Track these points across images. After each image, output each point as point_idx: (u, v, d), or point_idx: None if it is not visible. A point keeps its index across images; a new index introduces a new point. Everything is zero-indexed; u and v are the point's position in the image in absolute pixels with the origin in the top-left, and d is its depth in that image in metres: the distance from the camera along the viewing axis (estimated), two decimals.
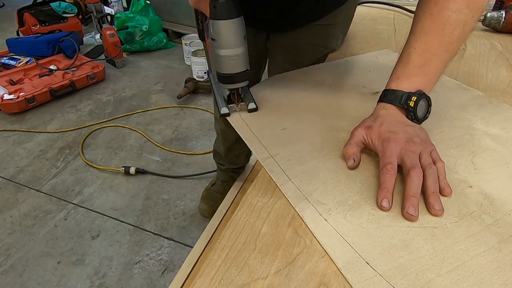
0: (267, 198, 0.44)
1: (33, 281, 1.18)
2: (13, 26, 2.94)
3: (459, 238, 0.37)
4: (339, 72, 0.70)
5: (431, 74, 0.49)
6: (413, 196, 0.40)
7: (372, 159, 0.47)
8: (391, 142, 0.44)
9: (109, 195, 1.51)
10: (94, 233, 1.34)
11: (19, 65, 2.28)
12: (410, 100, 0.47)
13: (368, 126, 0.47)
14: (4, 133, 1.88)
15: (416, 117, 0.48)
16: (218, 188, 1.38)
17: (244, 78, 0.53)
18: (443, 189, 0.42)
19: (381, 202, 0.40)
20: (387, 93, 0.50)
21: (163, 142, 1.80)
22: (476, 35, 0.91)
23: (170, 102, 2.13)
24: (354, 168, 0.46)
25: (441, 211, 0.39)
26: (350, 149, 0.46)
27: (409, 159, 0.42)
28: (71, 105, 2.12)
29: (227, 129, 1.13)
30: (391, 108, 0.49)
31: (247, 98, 0.58)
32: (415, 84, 0.48)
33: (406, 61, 0.49)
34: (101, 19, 2.61)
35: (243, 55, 0.51)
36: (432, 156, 0.44)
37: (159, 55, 2.71)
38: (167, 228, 1.36)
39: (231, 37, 0.49)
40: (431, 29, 0.47)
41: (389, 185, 0.41)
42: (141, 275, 1.19)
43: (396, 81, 0.49)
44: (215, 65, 0.52)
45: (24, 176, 1.60)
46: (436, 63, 0.48)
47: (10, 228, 1.36)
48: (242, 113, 0.57)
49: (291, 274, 0.35)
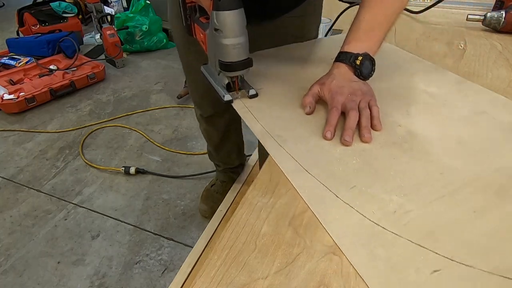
0: (267, 198, 0.44)
1: (33, 281, 1.18)
2: (13, 26, 2.94)
3: (379, 156, 0.49)
4: (314, 49, 0.84)
5: (375, 39, 0.60)
6: (349, 129, 0.52)
7: (323, 109, 0.59)
8: (338, 94, 0.56)
9: (109, 195, 1.51)
10: (94, 233, 1.34)
11: (19, 65, 2.28)
12: (357, 59, 0.58)
13: (322, 83, 0.59)
14: (4, 133, 1.88)
15: (362, 73, 0.59)
16: (218, 188, 1.38)
17: (246, 66, 0.57)
18: (375, 125, 0.53)
19: (325, 133, 0.52)
20: (341, 55, 0.61)
21: (163, 142, 1.80)
22: (476, 35, 0.91)
23: (170, 102, 2.13)
24: (309, 114, 0.58)
25: (370, 139, 0.51)
26: (307, 99, 0.58)
27: (349, 105, 0.54)
28: (71, 105, 2.12)
29: (210, 128, 1.15)
30: (342, 66, 0.60)
31: (246, 85, 0.63)
32: (362, 47, 0.59)
33: (356, 28, 0.61)
34: (101, 19, 2.61)
35: (245, 43, 0.55)
36: (370, 103, 0.56)
37: (159, 55, 2.71)
38: (167, 228, 1.36)
39: (235, 26, 0.52)
40: (376, 4, 0.60)
41: (333, 122, 0.53)
42: (141, 275, 1.19)
43: (348, 45, 0.61)
44: (218, 54, 0.56)
45: (24, 176, 1.60)
46: (380, 30, 0.60)
47: (10, 228, 1.36)
48: (244, 100, 0.62)
49: (291, 274, 0.35)
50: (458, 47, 0.84)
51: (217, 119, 1.10)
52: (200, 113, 1.09)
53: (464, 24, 0.96)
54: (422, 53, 0.80)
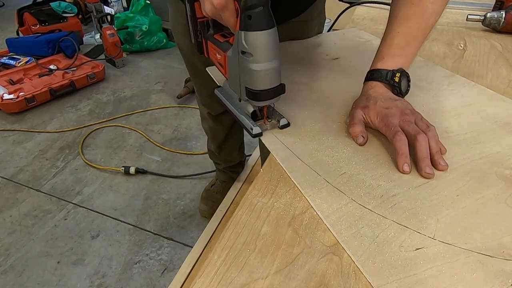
0: (267, 198, 0.44)
1: (32, 281, 1.18)
2: (13, 26, 2.94)
3: (368, 145, 0.51)
4: (309, 45, 0.84)
5: (410, 54, 0.56)
6: (426, 158, 0.46)
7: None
8: (389, 117, 0.50)
9: (109, 195, 1.51)
10: (94, 233, 1.34)
11: (19, 65, 2.28)
12: (395, 77, 0.54)
13: (364, 106, 0.53)
14: (4, 133, 1.88)
15: (401, 91, 0.55)
16: (218, 188, 1.38)
17: (279, 93, 0.49)
18: (441, 150, 0.48)
19: (403, 166, 0.46)
20: (374, 73, 0.56)
21: (163, 142, 1.80)
22: (476, 35, 0.91)
23: (170, 102, 2.13)
24: (363, 145, 0.51)
25: (446, 167, 0.46)
26: (357, 128, 0.51)
27: (410, 128, 0.48)
28: (71, 105, 2.12)
29: (215, 126, 1.14)
30: (378, 85, 0.55)
31: (275, 113, 0.55)
32: (397, 63, 0.55)
33: (390, 43, 0.56)
34: (101, 19, 2.60)
35: (278, 68, 0.47)
36: (424, 122, 0.50)
37: (159, 55, 2.71)
38: (167, 228, 1.36)
39: (268, 49, 0.44)
40: (412, 17, 0.55)
41: (405, 150, 0.47)
42: (141, 275, 1.19)
43: (382, 61, 0.56)
44: (245, 80, 0.48)
45: (24, 176, 1.60)
46: (415, 45, 0.56)
47: (10, 228, 1.36)
48: (274, 131, 0.54)
49: (291, 274, 0.35)
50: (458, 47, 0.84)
51: (224, 117, 1.10)
52: (208, 111, 1.09)
53: (464, 24, 0.96)
54: (422, 54, 0.80)
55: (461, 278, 0.34)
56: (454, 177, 0.46)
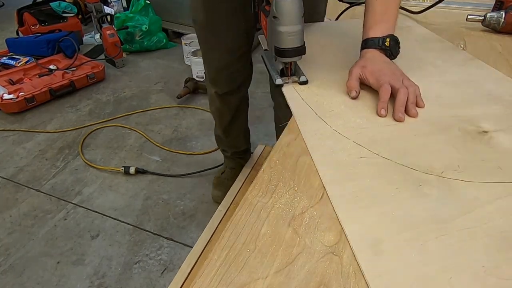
0: (267, 198, 0.44)
1: (32, 281, 1.18)
2: (12, 26, 2.93)
3: (362, 96, 0.62)
4: (331, 31, 0.93)
5: (392, 19, 0.66)
6: (401, 105, 0.56)
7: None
8: (381, 75, 0.60)
9: (109, 195, 1.50)
10: (93, 233, 1.34)
11: (18, 65, 2.28)
12: (385, 42, 0.64)
13: (362, 66, 0.63)
14: (3, 133, 1.88)
15: (392, 53, 0.65)
16: (228, 175, 1.42)
17: (300, 53, 0.60)
18: (418, 102, 0.59)
19: (380, 110, 0.57)
20: (367, 41, 0.65)
21: (163, 142, 1.80)
22: (476, 36, 0.92)
23: (170, 102, 2.13)
24: (355, 98, 0.61)
25: (417, 114, 0.57)
26: (352, 83, 0.61)
27: (396, 83, 0.59)
28: (71, 105, 2.12)
29: (222, 106, 1.19)
30: (373, 51, 0.65)
31: (298, 72, 0.67)
32: (383, 29, 0.65)
33: (372, 14, 0.66)
34: (101, 19, 2.60)
35: (301, 31, 0.58)
36: (409, 81, 0.60)
37: (158, 55, 2.70)
38: (166, 228, 1.36)
39: (292, 15, 0.56)
40: None
41: (386, 98, 0.58)
42: (141, 275, 1.19)
43: (370, 30, 0.65)
44: (274, 40, 0.60)
45: (23, 176, 1.60)
46: (393, 9, 0.66)
47: (10, 228, 1.36)
48: (294, 85, 0.66)
49: (291, 274, 0.36)
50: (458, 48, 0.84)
51: (230, 97, 1.16)
52: (215, 90, 1.13)
53: (464, 25, 0.96)
54: None
55: (384, 176, 0.46)
56: (420, 124, 0.55)
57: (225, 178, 1.43)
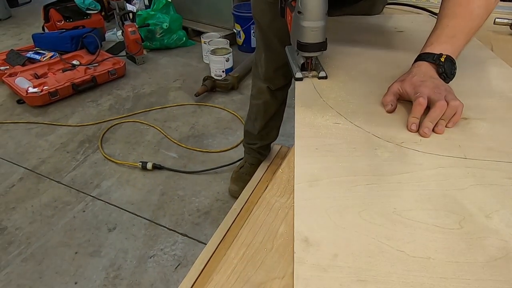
0: (285, 198, 0.44)
1: (51, 269, 1.21)
2: (38, 22, 3.03)
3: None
4: (373, 27, 0.93)
5: (457, 45, 0.60)
6: (433, 120, 0.51)
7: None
8: (421, 86, 0.54)
9: (126, 189, 1.53)
10: (110, 225, 1.37)
11: (43, 60, 2.35)
12: (441, 57, 0.58)
13: (401, 80, 0.59)
14: (28, 125, 1.94)
15: (445, 71, 0.57)
16: (247, 170, 1.45)
17: (321, 48, 0.61)
18: (455, 119, 0.53)
19: (411, 126, 0.52)
20: (422, 55, 0.60)
21: (180, 139, 1.82)
22: (504, 40, 0.89)
23: (188, 99, 2.15)
24: (391, 112, 0.57)
25: (443, 132, 0.52)
26: (388, 98, 0.58)
27: (436, 96, 0.52)
28: (92, 99, 2.17)
29: (271, 100, 1.24)
30: (424, 64, 0.59)
31: (318, 67, 0.68)
32: (445, 50, 0.59)
33: (439, 33, 0.61)
34: (123, 16, 2.65)
35: (323, 27, 0.59)
36: (453, 96, 0.53)
37: (178, 52, 2.74)
38: (181, 224, 1.37)
39: (315, 10, 0.58)
40: (460, 15, 0.61)
41: (417, 114, 0.52)
42: (155, 269, 1.21)
43: (430, 46, 0.60)
44: (297, 35, 0.61)
45: (45, 168, 1.65)
46: (462, 38, 0.60)
47: (31, 217, 1.41)
48: (313, 79, 0.67)
49: None
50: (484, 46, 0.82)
51: (281, 92, 1.24)
52: (268, 85, 1.19)
53: (492, 28, 0.94)
54: None
55: (347, 138, 0.52)
56: (410, 105, 0.55)
57: (243, 173, 1.45)
